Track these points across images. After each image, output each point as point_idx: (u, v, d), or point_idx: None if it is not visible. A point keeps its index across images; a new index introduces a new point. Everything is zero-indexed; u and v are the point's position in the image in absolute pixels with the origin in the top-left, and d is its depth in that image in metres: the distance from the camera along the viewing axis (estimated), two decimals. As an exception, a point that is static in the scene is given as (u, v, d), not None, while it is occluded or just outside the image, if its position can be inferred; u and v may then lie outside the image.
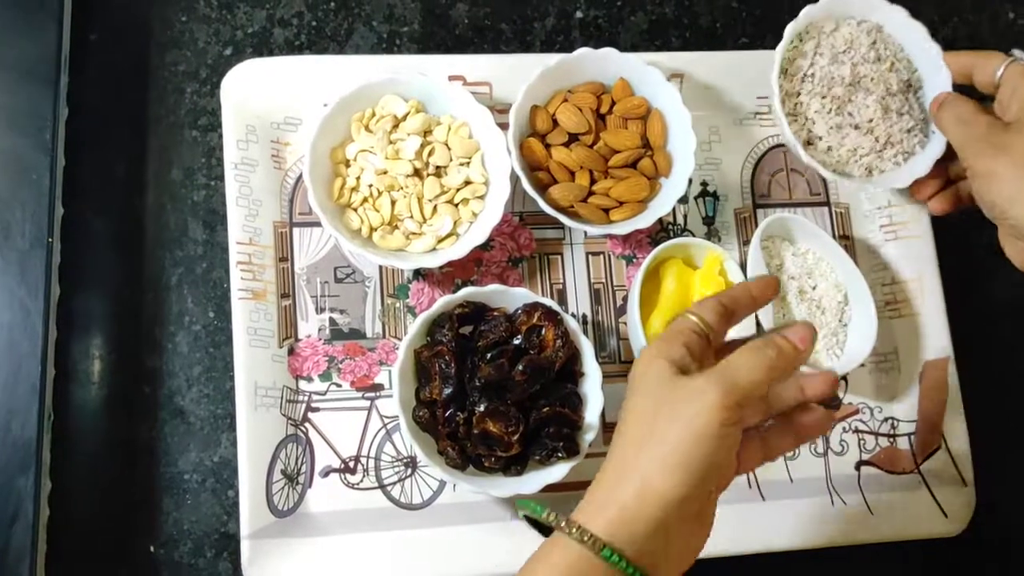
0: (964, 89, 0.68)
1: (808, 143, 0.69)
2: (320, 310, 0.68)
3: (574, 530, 0.44)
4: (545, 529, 0.47)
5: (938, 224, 0.74)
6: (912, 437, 0.72)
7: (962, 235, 0.77)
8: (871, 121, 0.64)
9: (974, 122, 0.63)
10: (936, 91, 0.67)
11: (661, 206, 0.68)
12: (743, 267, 0.69)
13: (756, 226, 0.70)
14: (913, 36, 0.67)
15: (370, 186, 0.66)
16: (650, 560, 0.45)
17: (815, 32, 0.66)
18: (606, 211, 0.68)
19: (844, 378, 0.73)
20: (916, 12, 0.69)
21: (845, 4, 0.67)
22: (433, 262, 0.65)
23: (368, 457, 0.66)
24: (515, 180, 0.67)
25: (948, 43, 0.82)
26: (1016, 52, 0.64)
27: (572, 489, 0.66)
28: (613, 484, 0.46)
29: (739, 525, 0.66)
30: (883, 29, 0.67)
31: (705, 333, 0.49)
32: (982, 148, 0.61)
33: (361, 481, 0.65)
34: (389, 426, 0.66)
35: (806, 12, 0.65)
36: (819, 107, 0.64)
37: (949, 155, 0.68)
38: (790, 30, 0.65)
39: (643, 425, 0.46)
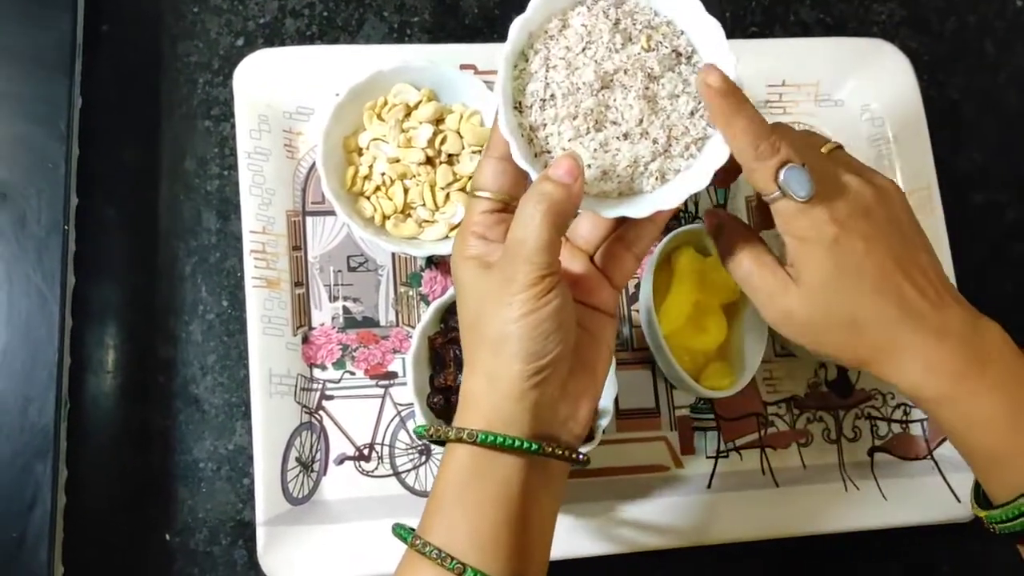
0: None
1: None
2: (333, 298, 0.68)
3: (463, 434, 0.45)
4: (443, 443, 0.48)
5: (947, 212, 0.74)
6: (925, 423, 0.72)
7: (975, 222, 0.77)
8: (641, 122, 0.48)
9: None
10: (709, 53, 0.49)
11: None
12: None
13: (767, 214, 0.55)
14: None
15: (383, 174, 0.67)
16: (544, 430, 0.46)
17: (540, 42, 0.48)
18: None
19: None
20: (922, 5, 0.67)
21: None
22: (446, 249, 0.65)
23: (382, 444, 0.66)
24: (527, 168, 0.67)
25: (954, 33, 0.83)
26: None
27: (586, 476, 0.66)
28: (471, 393, 0.46)
29: (753, 511, 0.67)
30: (625, 1, 0.50)
31: (497, 203, 0.48)
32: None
33: (375, 469, 0.65)
34: (403, 413, 0.66)
35: (519, 24, 0.47)
36: (573, 133, 0.47)
37: None
38: (505, 55, 0.47)
39: (473, 330, 0.47)
